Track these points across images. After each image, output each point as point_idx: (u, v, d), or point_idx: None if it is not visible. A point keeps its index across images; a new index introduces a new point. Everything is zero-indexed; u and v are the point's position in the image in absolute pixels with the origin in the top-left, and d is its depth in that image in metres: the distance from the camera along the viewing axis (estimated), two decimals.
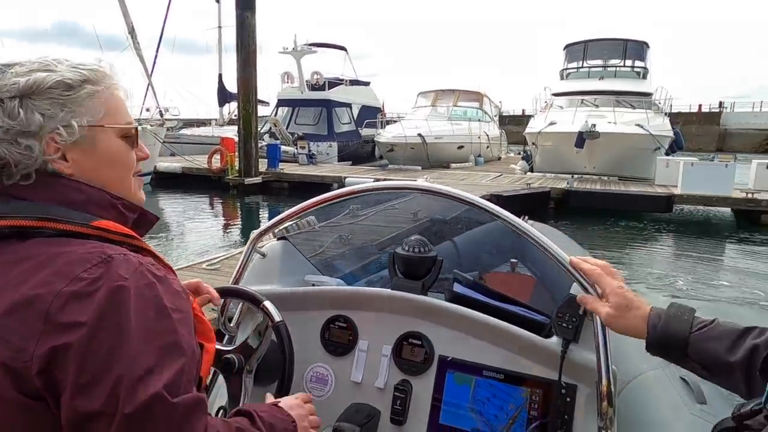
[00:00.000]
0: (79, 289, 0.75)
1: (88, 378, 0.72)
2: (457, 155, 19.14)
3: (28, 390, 0.74)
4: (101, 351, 0.73)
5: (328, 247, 3.10)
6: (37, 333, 0.73)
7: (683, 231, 11.57)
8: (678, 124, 20.40)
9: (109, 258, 0.79)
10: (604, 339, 1.25)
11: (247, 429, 0.91)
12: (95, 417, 0.72)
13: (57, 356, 0.72)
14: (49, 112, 0.84)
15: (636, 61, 19.18)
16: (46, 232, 0.81)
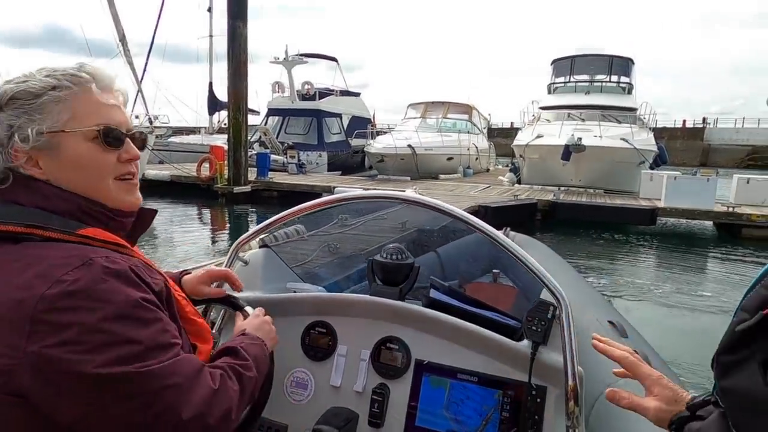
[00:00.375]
0: (61, 289, 0.78)
1: (79, 374, 0.77)
2: (447, 166, 19.28)
3: (16, 389, 0.78)
4: (87, 349, 0.78)
5: (317, 255, 3.15)
6: (25, 335, 0.77)
7: (667, 243, 11.74)
8: (663, 138, 20.73)
9: (90, 261, 0.83)
10: (570, 342, 1.31)
11: (241, 364, 1.03)
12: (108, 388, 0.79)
13: (46, 357, 0.76)
14: (13, 121, 0.88)
15: (621, 76, 19.56)
16: (33, 238, 0.85)
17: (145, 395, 0.82)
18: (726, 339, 0.72)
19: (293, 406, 1.52)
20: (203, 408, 0.88)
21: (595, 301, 3.08)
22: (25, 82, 0.90)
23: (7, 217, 0.86)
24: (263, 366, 1.12)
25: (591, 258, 9.98)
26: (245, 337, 1.15)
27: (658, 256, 10.87)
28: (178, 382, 0.86)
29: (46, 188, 0.90)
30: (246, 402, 1.02)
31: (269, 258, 1.82)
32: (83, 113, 0.92)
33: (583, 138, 13.88)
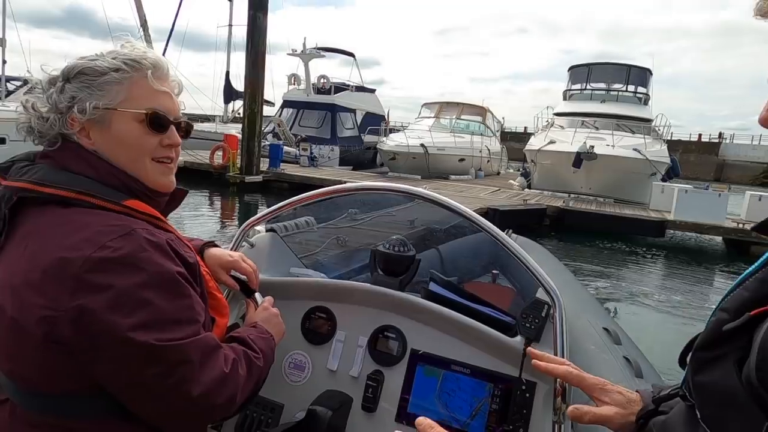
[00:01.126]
0: (105, 255, 0.87)
1: (111, 333, 0.86)
2: (458, 167, 19.27)
3: (59, 338, 0.86)
4: (120, 311, 0.86)
5: (326, 247, 3.21)
6: (70, 290, 0.85)
7: (674, 256, 11.66)
8: (677, 151, 20.64)
9: (133, 231, 0.91)
10: (562, 340, 1.35)
11: (251, 354, 1.11)
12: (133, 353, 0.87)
13: (85, 312, 0.85)
14: (76, 93, 0.98)
15: (638, 86, 19.42)
16: (84, 204, 0.94)
17: (162, 366, 0.90)
18: (705, 337, 0.75)
19: (290, 386, 1.56)
20: (212, 388, 0.95)
21: (591, 307, 3.10)
22: (94, 60, 1.00)
23: (59, 182, 0.95)
24: (269, 358, 1.19)
25: (597, 266, 9.97)
26: (255, 330, 1.22)
27: (664, 269, 10.82)
28: (193, 359, 0.93)
29: (94, 159, 1.00)
30: (251, 389, 1.09)
31: (275, 242, 1.86)
32: (137, 96, 1.01)
33: (596, 146, 13.83)
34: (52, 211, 0.94)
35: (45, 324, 0.86)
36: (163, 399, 0.92)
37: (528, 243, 3.21)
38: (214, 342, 1.01)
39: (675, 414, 0.81)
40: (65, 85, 0.99)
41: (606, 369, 2.38)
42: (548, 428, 1.32)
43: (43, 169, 0.97)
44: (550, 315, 1.41)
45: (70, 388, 0.91)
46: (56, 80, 1.00)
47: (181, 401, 0.93)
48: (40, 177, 0.95)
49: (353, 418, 1.48)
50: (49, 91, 1.00)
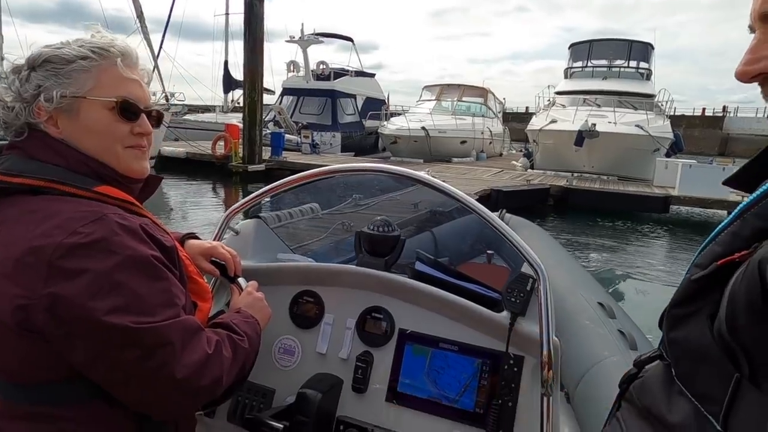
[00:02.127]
0: (76, 240, 0.86)
1: (87, 319, 0.85)
2: (460, 150, 19.18)
3: (34, 326, 0.86)
4: (96, 295, 0.85)
5: (332, 232, 3.23)
6: (43, 277, 0.85)
7: (679, 231, 11.64)
8: (680, 127, 20.44)
9: (104, 216, 0.90)
10: (547, 312, 1.35)
11: (236, 337, 1.11)
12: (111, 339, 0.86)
13: (59, 299, 0.85)
14: (42, 81, 0.96)
15: (640, 62, 19.20)
16: (53, 192, 0.93)
17: (141, 349, 0.89)
18: (678, 293, 0.74)
19: (281, 371, 1.58)
20: (196, 370, 0.94)
21: (586, 283, 3.13)
22: (60, 48, 0.98)
23: (28, 172, 0.94)
24: (255, 343, 1.18)
25: (601, 244, 9.98)
26: (239, 315, 1.22)
27: (668, 244, 10.82)
28: (173, 341, 0.92)
29: (62, 148, 0.98)
30: (237, 372, 1.08)
31: (260, 229, 1.85)
32: (106, 84, 1.00)
33: (597, 124, 13.73)
34: (21, 201, 0.94)
35: (19, 313, 0.86)
36: (146, 383, 0.92)
37: (522, 222, 3.22)
38: (196, 324, 1.00)
39: (652, 374, 0.81)
40: (30, 74, 0.98)
41: (599, 342, 2.40)
42: (536, 401, 1.33)
43: (11, 159, 0.97)
44: (535, 288, 1.40)
45: (50, 376, 0.91)
46: (20, 69, 0.99)
47: (164, 384, 0.92)
48: (7, 167, 0.95)
49: (344, 399, 1.50)
50: (11, 79, 0.98)
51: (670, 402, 0.71)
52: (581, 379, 2.24)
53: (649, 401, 0.77)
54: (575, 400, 2.21)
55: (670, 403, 0.71)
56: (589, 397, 2.14)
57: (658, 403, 0.74)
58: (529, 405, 1.36)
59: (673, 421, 0.69)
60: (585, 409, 2.12)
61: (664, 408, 0.72)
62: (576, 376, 2.26)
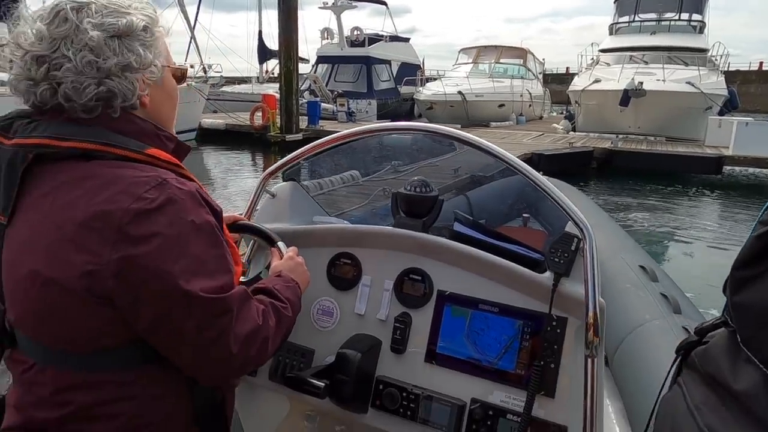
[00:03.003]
0: (143, 206, 0.86)
1: (158, 283, 0.86)
2: (498, 114, 18.78)
3: (101, 291, 0.86)
4: (167, 259, 0.86)
5: (374, 198, 3.23)
6: (111, 242, 0.85)
7: (732, 193, 11.17)
8: (735, 83, 19.28)
9: (165, 181, 0.90)
10: (593, 273, 1.30)
11: (278, 304, 1.12)
12: (178, 307, 0.88)
13: (129, 263, 0.85)
14: (140, 52, 0.94)
15: (693, 14, 18.05)
16: (107, 156, 0.91)
17: (204, 316, 0.90)
18: (743, 253, 0.71)
19: (319, 332, 1.59)
20: (248, 341, 0.96)
21: (627, 245, 3.04)
22: (132, 14, 0.94)
23: (78, 135, 0.91)
24: (296, 307, 1.19)
25: (647, 207, 9.67)
26: (280, 279, 1.22)
27: (723, 206, 10.40)
28: (233, 309, 0.94)
29: (122, 114, 0.97)
30: (281, 338, 1.10)
31: (296, 191, 1.85)
32: (167, 51, 1.03)
33: (645, 82, 13.16)
34: (71, 165, 0.91)
35: (87, 278, 0.86)
36: (201, 351, 0.93)
37: (560, 184, 3.14)
38: (246, 294, 1.01)
39: (716, 341, 0.78)
40: (124, 42, 0.93)
41: (640, 306, 2.33)
42: (580, 363, 1.30)
43: (54, 124, 0.92)
44: (580, 248, 1.35)
45: (110, 342, 0.92)
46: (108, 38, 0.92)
47: (218, 355, 0.93)
48: (54, 132, 0.91)
49: (383, 360, 1.51)
50: (111, 47, 0.92)
51: (736, 370, 0.69)
52: (621, 343, 2.20)
53: (713, 369, 0.74)
54: (614, 363, 2.17)
55: (735, 371, 0.69)
56: (629, 361, 2.10)
57: (722, 371, 0.71)
58: (571, 367, 1.34)
59: (739, 388, 0.67)
60: (625, 373, 2.08)
61: (729, 376, 0.69)
62: (615, 339, 2.21)
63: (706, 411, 0.72)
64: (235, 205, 8.91)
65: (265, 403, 1.71)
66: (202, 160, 14.45)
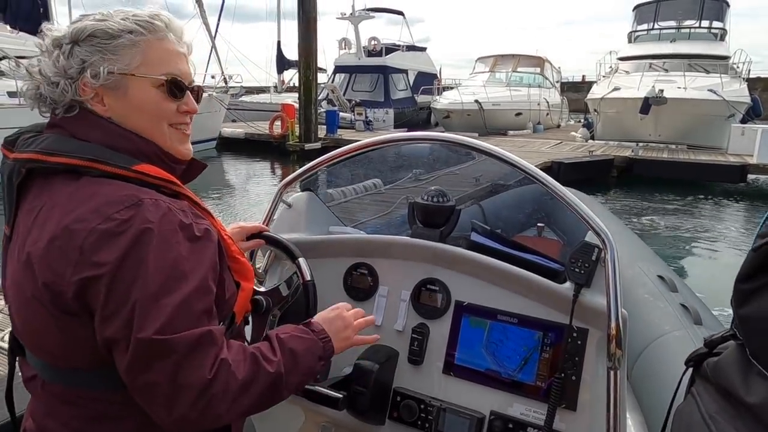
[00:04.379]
0: (110, 228, 0.83)
1: (111, 307, 0.82)
2: (515, 122, 18.71)
3: (66, 308, 0.85)
4: (123, 284, 0.82)
5: (397, 207, 3.24)
6: (73, 262, 0.83)
7: (758, 202, 10.96)
8: (757, 90, 18.95)
9: (140, 201, 0.86)
10: (614, 284, 1.27)
11: (263, 354, 0.94)
12: (115, 342, 0.83)
13: (88, 285, 0.82)
14: (87, 57, 0.91)
15: (713, 21, 17.79)
16: (93, 172, 0.89)
17: (137, 358, 0.82)
18: (744, 266, 0.72)
19: None
20: (185, 396, 0.83)
21: (645, 255, 3.01)
22: (103, 21, 0.93)
23: (67, 151, 0.90)
24: (307, 362, 1.02)
25: (669, 216, 9.54)
26: (297, 329, 1.07)
27: (747, 216, 10.19)
28: (175, 354, 0.82)
29: (104, 124, 0.94)
30: (251, 401, 0.91)
31: (312, 201, 1.85)
32: (154, 60, 0.95)
33: (666, 90, 13.01)
34: (61, 181, 0.90)
35: (54, 296, 0.85)
36: (138, 394, 0.85)
37: (577, 194, 3.13)
38: (209, 338, 0.86)
39: (727, 353, 0.78)
40: (74, 48, 0.92)
41: (660, 317, 2.29)
42: (602, 375, 1.28)
43: (50, 138, 0.93)
44: (601, 258, 1.33)
45: (87, 362, 0.89)
46: (61, 42, 0.93)
47: (154, 401, 0.85)
48: (45, 146, 0.91)
49: (400, 371, 1.50)
50: (55, 54, 0.93)
51: (748, 383, 0.69)
52: (640, 355, 2.16)
53: (724, 381, 0.75)
54: (633, 375, 2.13)
55: (747, 385, 0.69)
56: (649, 373, 2.07)
57: (734, 384, 0.71)
58: (593, 379, 1.32)
59: (752, 401, 0.67)
60: (644, 386, 2.05)
61: (741, 389, 0.70)
62: (635, 351, 2.17)
63: (721, 421, 0.72)
64: (253, 214, 9.01)
65: (280, 413, 1.67)
66: (222, 169, 14.64)
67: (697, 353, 0.87)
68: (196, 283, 0.86)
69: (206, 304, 0.88)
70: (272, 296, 1.38)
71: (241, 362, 0.90)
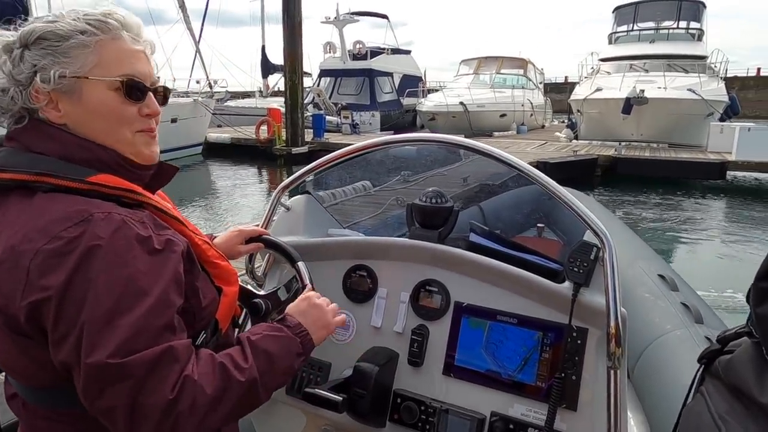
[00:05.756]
0: (56, 247, 0.78)
1: (61, 331, 0.78)
2: (500, 123, 18.86)
3: (21, 330, 0.81)
4: (72, 307, 0.77)
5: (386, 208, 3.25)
6: (21, 286, 0.78)
7: (736, 198, 11.18)
8: (734, 89, 19.34)
9: (90, 217, 0.80)
10: (613, 282, 1.26)
11: (234, 362, 0.88)
12: (69, 366, 0.79)
13: (38, 308, 0.78)
14: (37, 61, 0.85)
15: (691, 22, 18.17)
16: (44, 187, 0.83)
17: (90, 384, 0.78)
18: (765, 264, 0.70)
19: (336, 345, 1.58)
20: (146, 419, 0.78)
21: (644, 254, 3.00)
22: (53, 23, 0.87)
23: (19, 166, 0.85)
24: (285, 361, 0.96)
25: (653, 213, 9.68)
26: (270, 327, 1.01)
27: (727, 212, 10.40)
28: (132, 378, 0.77)
29: (58, 134, 0.88)
30: (230, 407, 0.86)
31: (311, 204, 1.83)
32: (109, 61, 0.89)
33: (646, 90, 13.23)
34: (15, 198, 0.85)
35: (7, 318, 0.81)
36: (105, 416, 0.80)
37: (575, 193, 3.17)
38: (170, 354, 0.80)
39: (741, 351, 0.77)
40: (24, 53, 0.86)
41: (661, 316, 2.28)
42: (602, 375, 1.27)
43: (5, 152, 0.87)
44: (600, 257, 1.32)
45: (55, 380, 0.85)
46: (12, 47, 0.87)
47: (113, 426, 0.80)
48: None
49: (400, 372, 1.49)
50: (3, 59, 0.87)
51: (763, 382, 0.68)
52: (641, 354, 2.16)
53: (737, 380, 0.74)
54: (635, 374, 2.13)
55: (762, 384, 0.68)
56: (650, 373, 2.06)
57: (747, 383, 0.70)
58: (593, 379, 1.31)
59: (766, 401, 0.66)
60: (646, 385, 2.04)
61: (755, 388, 0.68)
62: (636, 350, 2.17)
63: (732, 421, 0.71)
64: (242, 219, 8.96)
65: (280, 417, 1.69)
66: (208, 175, 14.55)
67: (710, 350, 0.85)
68: (154, 298, 0.80)
69: (167, 318, 0.82)
70: (271, 300, 1.37)
71: (209, 374, 0.84)
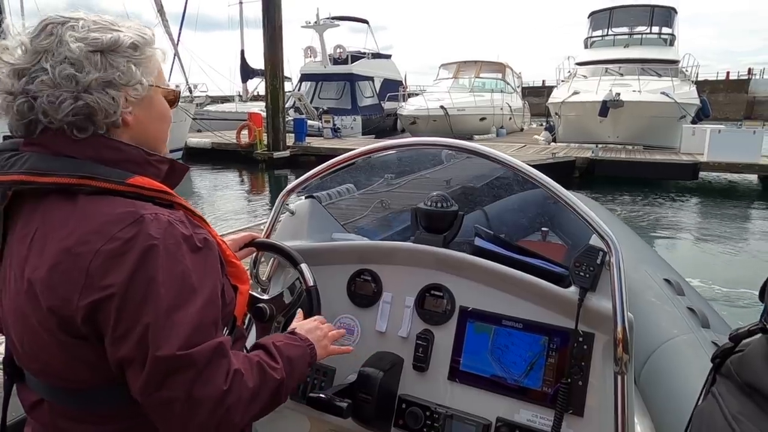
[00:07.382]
0: (114, 248, 0.80)
1: (123, 327, 0.80)
2: (480, 127, 19.04)
3: (74, 332, 0.83)
4: (133, 304, 0.80)
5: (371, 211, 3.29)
6: (80, 287, 0.80)
7: (709, 198, 11.50)
8: (704, 92, 19.93)
9: (141, 218, 0.83)
10: (620, 287, 1.25)
11: (266, 361, 0.96)
12: (129, 362, 0.82)
13: (98, 308, 0.80)
14: (124, 68, 0.89)
15: (663, 27, 18.70)
16: (86, 189, 0.85)
17: (153, 375, 0.81)
18: None
19: None
20: (202, 409, 0.83)
21: (650, 258, 2.95)
22: (121, 32, 0.90)
23: (60, 169, 0.85)
24: (296, 369, 1.04)
25: (632, 214, 9.88)
26: (287, 337, 1.10)
27: (700, 210, 10.70)
28: (194, 367, 0.82)
29: (106, 141, 0.90)
30: (261, 405, 0.93)
31: (315, 209, 1.83)
32: (160, 72, 0.98)
33: (622, 93, 13.53)
34: (52, 201, 0.87)
35: (61, 321, 0.83)
36: (154, 410, 0.85)
37: (579, 196, 3.20)
38: (220, 349, 0.86)
39: (754, 348, 0.76)
40: (107, 57, 0.88)
41: (667, 320, 2.24)
42: (609, 380, 1.25)
43: (33, 157, 0.87)
44: (606, 262, 1.31)
45: (96, 381, 0.88)
46: (98, 49, 0.88)
47: (169, 417, 0.84)
48: (32, 166, 0.86)
49: (405, 377, 1.48)
50: (96, 61, 0.87)
51: None
52: (648, 359, 2.12)
53: (750, 377, 0.73)
54: (642, 380, 2.09)
55: None
56: (658, 378, 2.02)
57: (761, 379, 0.70)
58: (600, 384, 1.30)
59: None
60: (653, 390, 2.00)
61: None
62: (642, 355, 2.13)
63: (745, 421, 0.70)
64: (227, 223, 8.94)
65: (285, 422, 1.66)
66: (189, 180, 14.42)
67: (723, 348, 0.83)
68: (206, 294, 0.86)
69: (215, 315, 0.89)
70: (275, 304, 1.37)
71: (249, 371, 0.91)
